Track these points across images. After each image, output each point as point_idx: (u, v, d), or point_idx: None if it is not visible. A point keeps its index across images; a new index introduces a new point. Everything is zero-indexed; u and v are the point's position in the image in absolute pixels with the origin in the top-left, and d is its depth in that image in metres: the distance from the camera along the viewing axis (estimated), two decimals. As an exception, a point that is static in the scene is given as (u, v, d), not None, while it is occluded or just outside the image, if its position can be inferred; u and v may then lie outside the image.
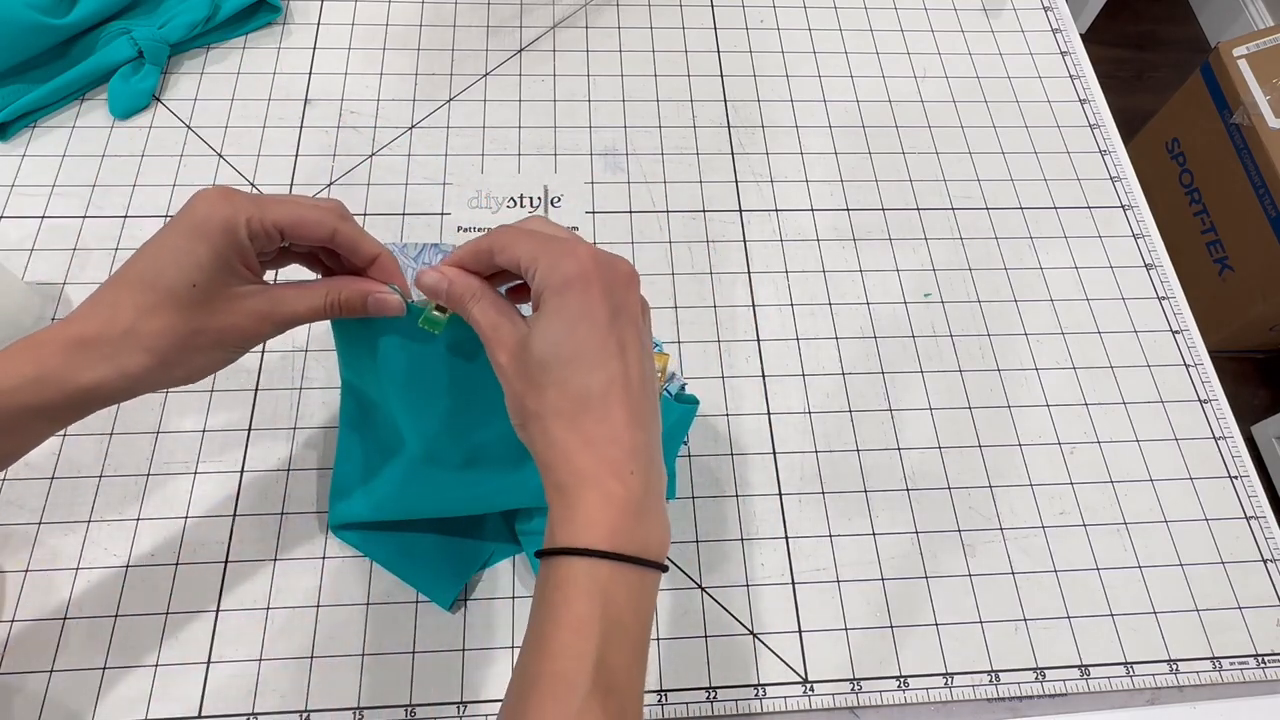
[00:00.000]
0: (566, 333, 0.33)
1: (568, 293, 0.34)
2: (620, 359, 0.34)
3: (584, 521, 0.32)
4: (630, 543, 0.32)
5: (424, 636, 0.46)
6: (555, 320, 0.34)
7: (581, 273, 0.34)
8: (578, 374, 0.33)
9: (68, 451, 0.50)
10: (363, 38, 0.68)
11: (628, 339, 0.34)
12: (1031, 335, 0.59)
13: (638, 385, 0.34)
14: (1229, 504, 0.54)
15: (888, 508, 0.52)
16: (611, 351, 0.34)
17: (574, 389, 0.33)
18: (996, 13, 0.74)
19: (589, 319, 0.34)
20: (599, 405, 0.33)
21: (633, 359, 0.34)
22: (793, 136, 0.66)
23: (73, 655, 0.45)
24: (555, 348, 0.33)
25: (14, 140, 0.60)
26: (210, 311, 0.35)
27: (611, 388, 0.34)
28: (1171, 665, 0.49)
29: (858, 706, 0.47)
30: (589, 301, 0.34)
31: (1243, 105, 1.26)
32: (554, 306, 0.34)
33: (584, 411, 0.33)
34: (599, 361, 0.34)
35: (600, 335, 0.34)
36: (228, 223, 0.34)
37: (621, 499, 0.32)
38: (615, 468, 0.33)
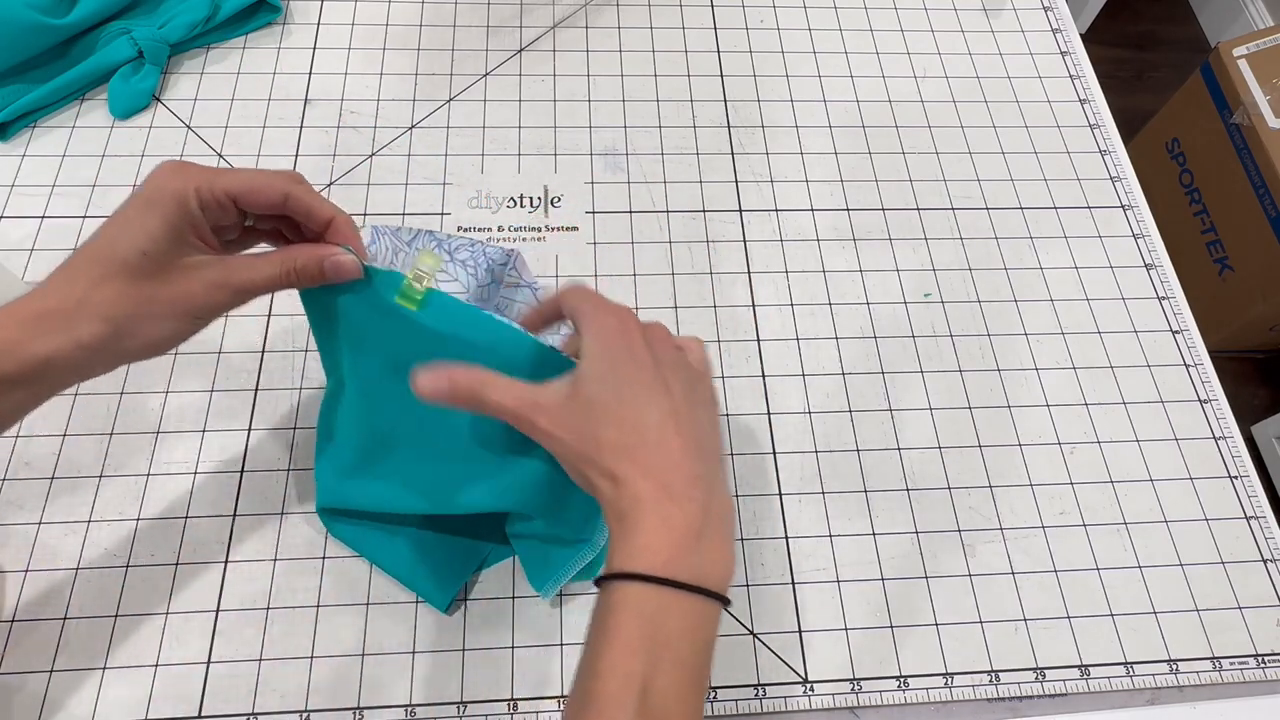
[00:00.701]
0: (617, 374, 0.35)
1: (613, 338, 0.36)
2: (669, 396, 0.35)
3: (640, 546, 0.32)
4: (686, 570, 0.32)
5: (424, 636, 0.46)
6: (604, 363, 0.35)
7: (623, 326, 0.36)
8: (632, 411, 0.35)
9: (68, 451, 0.50)
10: (363, 38, 0.68)
11: (671, 381, 0.36)
12: (1031, 335, 0.59)
13: (689, 421, 0.35)
14: (1229, 504, 0.54)
15: (888, 508, 0.52)
16: (658, 390, 0.35)
17: (630, 424, 0.34)
18: (996, 13, 0.74)
19: (635, 361, 0.36)
20: (655, 437, 0.34)
21: (679, 397, 0.36)
22: (793, 136, 0.66)
23: (73, 655, 0.45)
24: (610, 389, 0.35)
25: (14, 140, 0.60)
26: (163, 280, 0.35)
27: (666, 421, 0.35)
28: (1171, 665, 0.49)
29: (858, 706, 0.47)
30: (632, 347, 0.36)
31: (1243, 105, 1.26)
32: (599, 351, 0.36)
33: (641, 444, 0.34)
34: (650, 398, 0.35)
35: (648, 374, 0.36)
36: (178, 193, 0.35)
37: (680, 524, 0.33)
38: (673, 493, 0.33)
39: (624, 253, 0.59)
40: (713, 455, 0.36)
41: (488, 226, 0.60)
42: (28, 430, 0.50)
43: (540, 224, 0.60)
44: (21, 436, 0.50)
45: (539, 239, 0.60)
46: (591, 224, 0.61)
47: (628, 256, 0.59)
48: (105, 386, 0.52)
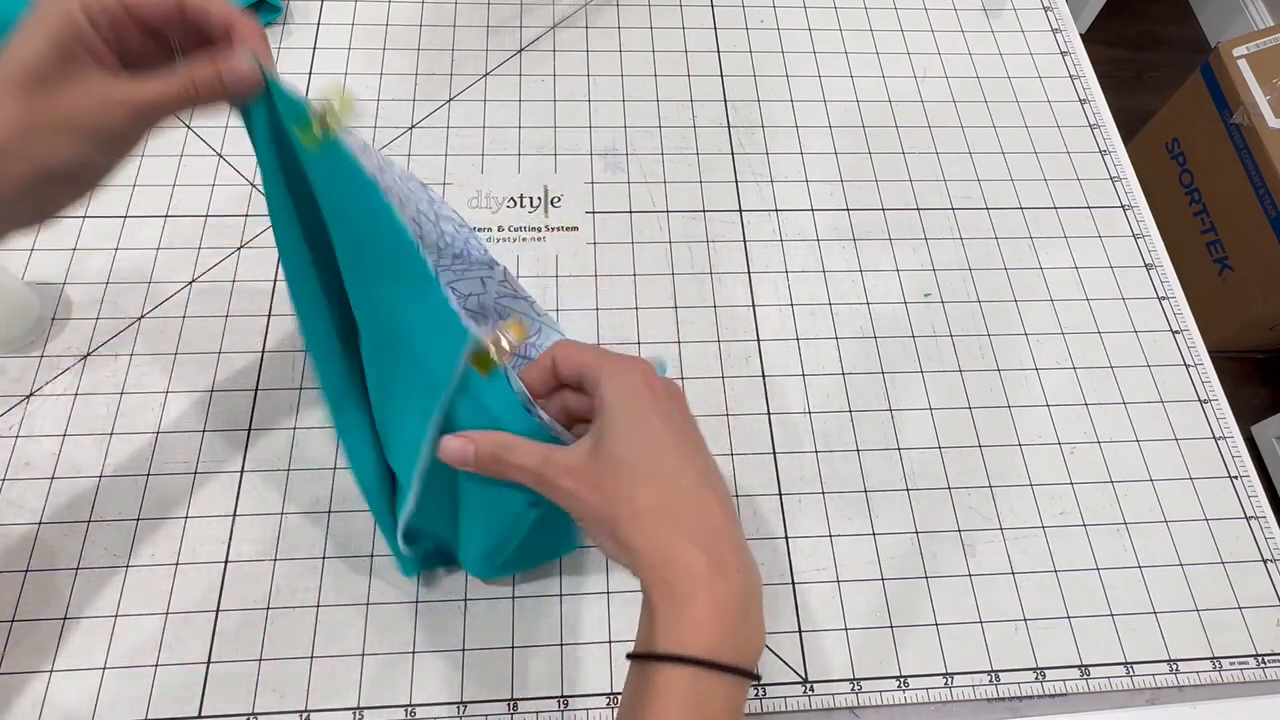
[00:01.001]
0: (647, 432, 0.34)
1: (638, 398, 0.34)
2: (700, 454, 0.34)
3: (690, 625, 0.31)
4: (731, 650, 0.31)
5: (424, 636, 0.46)
6: (632, 422, 0.34)
7: (647, 382, 0.35)
8: (666, 468, 0.33)
9: (68, 451, 0.50)
10: (363, 38, 0.68)
11: (699, 440, 0.35)
12: (1031, 335, 0.59)
13: (720, 481, 0.34)
14: (1229, 504, 0.54)
15: (888, 508, 0.52)
16: (693, 448, 0.34)
17: (666, 484, 0.33)
18: (996, 13, 0.74)
19: (665, 418, 0.34)
20: (694, 499, 0.33)
21: (707, 458, 0.35)
22: (793, 136, 0.66)
23: (73, 655, 0.45)
24: (640, 448, 0.33)
25: (14, 140, 0.60)
26: (48, 95, 0.32)
27: (702, 484, 0.33)
28: (1171, 665, 0.49)
29: (858, 706, 0.47)
30: (660, 404, 0.34)
31: (1243, 105, 1.26)
32: (627, 410, 0.34)
33: (681, 507, 0.33)
34: (686, 456, 0.34)
35: (679, 433, 0.34)
36: (64, 7, 0.33)
37: (730, 602, 0.31)
38: (724, 566, 0.32)
39: (624, 253, 0.59)
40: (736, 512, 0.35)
41: (488, 226, 0.60)
42: (28, 430, 0.50)
43: (540, 224, 0.60)
44: (21, 437, 0.50)
45: (539, 239, 0.60)
46: (591, 224, 0.61)
47: (628, 256, 0.59)
48: (105, 387, 0.52)
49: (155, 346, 0.54)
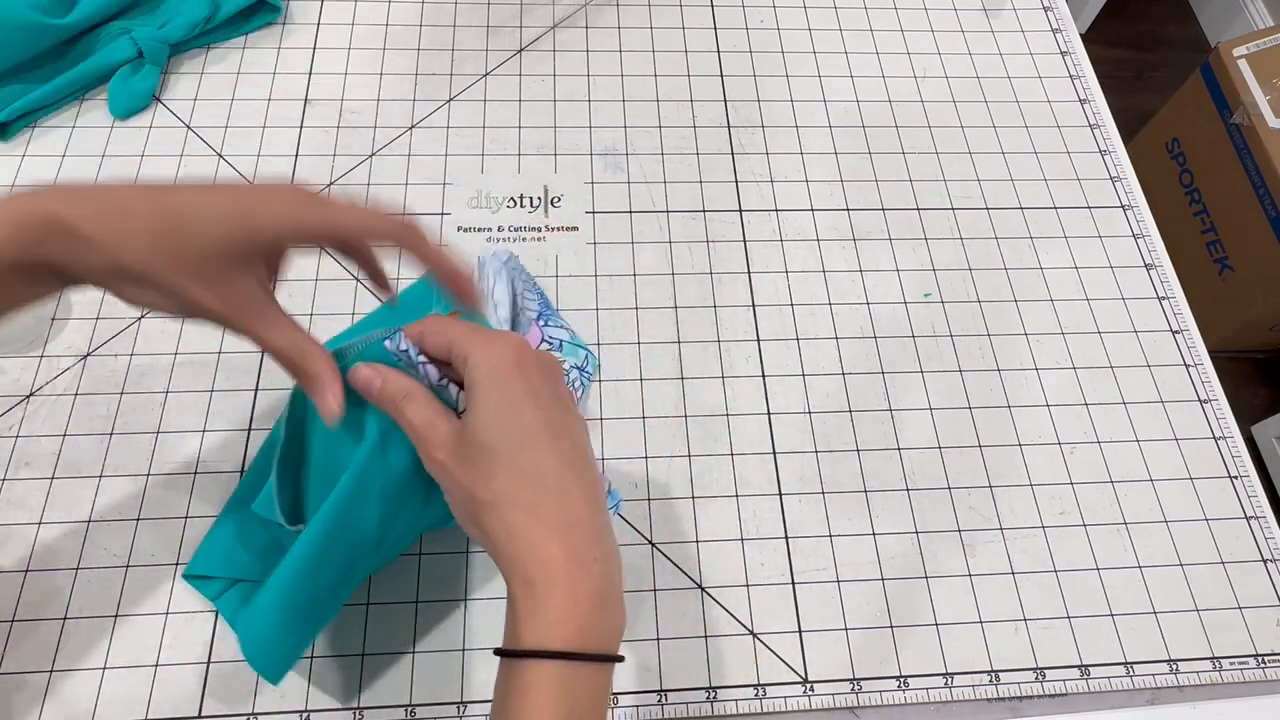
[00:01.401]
0: (512, 416, 0.33)
1: (507, 377, 0.33)
2: (566, 439, 0.34)
3: (552, 620, 0.31)
4: (596, 639, 0.32)
5: (424, 636, 0.46)
6: (498, 404, 0.33)
7: (518, 359, 0.34)
8: (529, 458, 0.33)
9: (68, 452, 0.50)
10: (363, 38, 0.68)
11: (570, 423, 0.34)
12: (1031, 335, 0.59)
13: (588, 468, 0.34)
14: (1229, 504, 0.54)
15: (888, 508, 0.52)
16: (558, 434, 0.34)
17: (528, 473, 0.33)
18: (996, 13, 0.74)
19: (532, 400, 0.33)
20: (555, 488, 0.33)
21: (577, 441, 0.34)
22: (793, 136, 0.66)
23: (73, 655, 0.45)
24: (503, 432, 0.33)
25: (14, 140, 0.60)
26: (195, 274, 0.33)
27: (566, 470, 0.33)
28: (1171, 665, 0.49)
29: (858, 706, 0.47)
30: (529, 384, 0.34)
31: (1243, 105, 1.26)
32: (494, 392, 0.33)
33: (543, 496, 0.32)
34: (549, 443, 0.33)
35: (546, 416, 0.33)
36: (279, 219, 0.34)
37: (588, 593, 0.32)
38: (581, 557, 0.32)
39: (624, 253, 0.59)
40: (604, 501, 0.35)
41: (488, 226, 0.60)
42: (28, 430, 0.50)
43: (540, 224, 0.60)
44: (21, 437, 0.50)
45: (539, 239, 0.60)
46: (591, 224, 0.61)
47: (628, 256, 0.59)
48: (105, 386, 0.52)
49: (155, 346, 0.54)
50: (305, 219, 0.35)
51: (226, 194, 0.34)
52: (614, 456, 0.52)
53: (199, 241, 0.33)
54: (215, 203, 0.34)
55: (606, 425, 0.53)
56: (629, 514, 0.51)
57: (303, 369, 0.36)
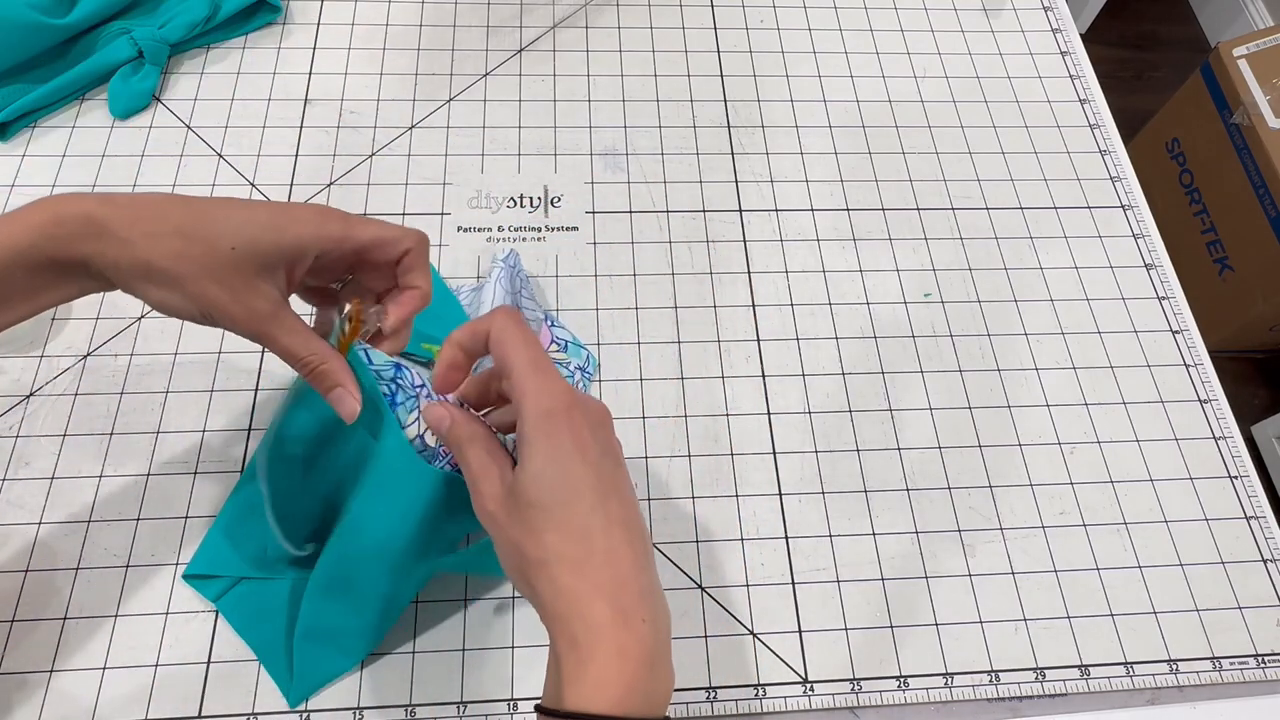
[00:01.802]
0: (561, 473, 0.33)
1: (559, 429, 0.33)
2: (615, 496, 0.33)
3: (595, 682, 0.30)
4: (642, 702, 0.31)
5: (424, 636, 0.46)
6: (547, 459, 0.33)
7: (569, 410, 0.33)
8: (577, 515, 0.32)
9: (67, 452, 0.50)
10: (363, 38, 0.68)
11: (619, 478, 0.34)
12: (1031, 335, 0.59)
13: (636, 525, 0.34)
14: (1229, 504, 0.54)
15: (888, 508, 0.52)
16: (607, 490, 0.33)
17: (576, 532, 0.32)
18: (996, 13, 0.74)
19: (580, 457, 0.33)
20: (603, 548, 0.32)
21: (626, 497, 0.34)
22: (793, 136, 0.66)
23: (73, 655, 0.45)
24: (551, 490, 0.33)
25: (14, 140, 0.60)
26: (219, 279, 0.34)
27: (613, 528, 0.33)
28: (1171, 665, 0.49)
29: (858, 706, 0.47)
30: (578, 438, 0.33)
31: (1243, 105, 1.26)
32: (544, 444, 0.33)
33: (590, 555, 0.32)
34: (597, 501, 0.33)
35: (594, 474, 0.33)
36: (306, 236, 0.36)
37: (635, 654, 0.31)
38: (629, 618, 0.31)
39: (624, 253, 0.59)
40: (651, 555, 0.34)
41: (488, 226, 0.60)
42: (28, 430, 0.50)
43: (540, 224, 0.60)
44: (21, 437, 0.50)
45: (539, 239, 0.60)
46: (591, 224, 0.61)
47: (628, 256, 0.59)
48: (105, 386, 0.52)
49: (155, 346, 0.54)
50: (329, 228, 0.37)
51: (257, 206, 0.36)
52: (614, 456, 0.52)
53: (226, 246, 0.34)
54: (245, 212, 0.35)
55: (606, 425, 0.53)
56: (629, 514, 0.51)
57: (322, 374, 0.38)
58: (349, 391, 0.38)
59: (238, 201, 0.36)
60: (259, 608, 0.46)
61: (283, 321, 0.37)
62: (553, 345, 0.52)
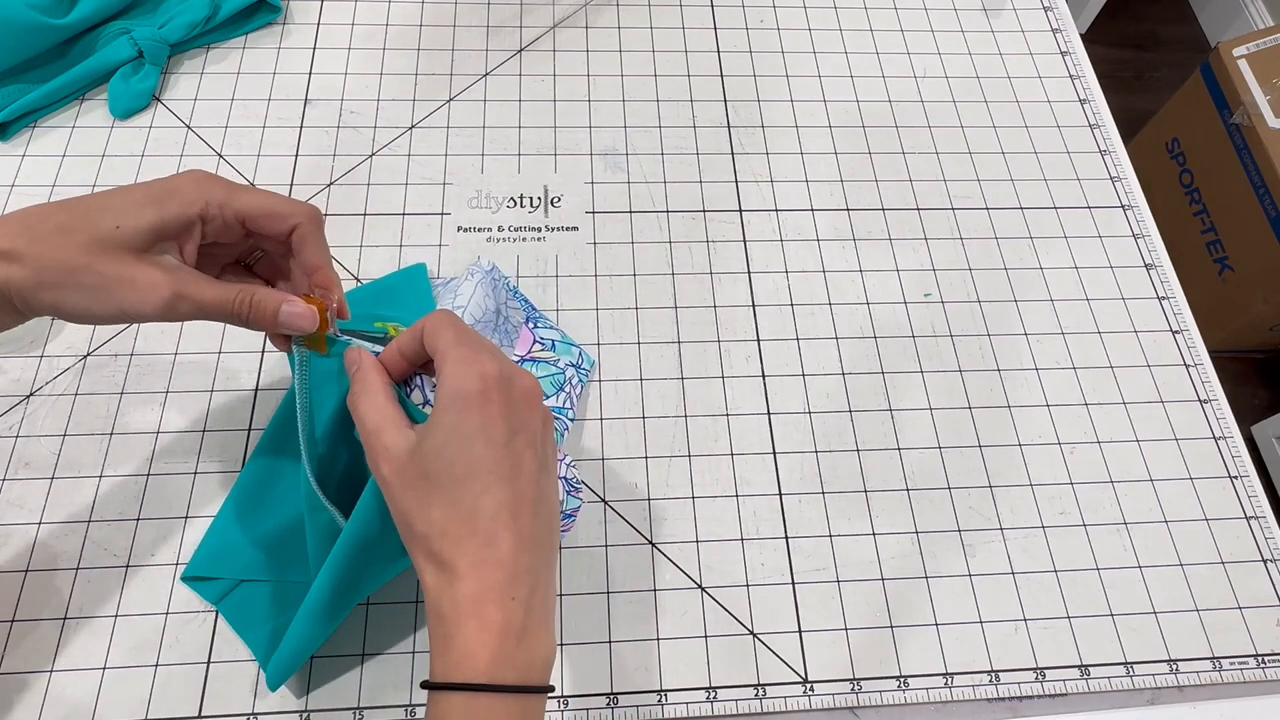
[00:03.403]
0: (461, 450, 0.33)
1: (468, 407, 0.33)
2: (513, 482, 0.33)
3: (459, 653, 0.31)
4: (511, 670, 0.32)
5: (424, 637, 0.46)
6: (451, 434, 0.33)
7: (483, 388, 0.33)
8: (469, 494, 0.33)
9: (68, 452, 0.50)
10: (363, 38, 0.68)
11: (524, 460, 0.34)
12: (1031, 335, 0.59)
13: (529, 508, 0.34)
14: (1229, 504, 0.54)
15: (888, 508, 0.52)
16: (505, 473, 0.33)
17: (462, 511, 0.33)
18: (996, 13, 0.74)
19: (484, 437, 0.33)
20: (486, 529, 0.33)
21: (526, 480, 0.34)
22: (793, 136, 0.66)
23: (73, 655, 0.45)
24: (449, 465, 0.33)
25: (14, 140, 0.60)
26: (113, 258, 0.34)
27: (501, 511, 0.33)
28: (1171, 665, 0.49)
29: (858, 706, 0.47)
30: (486, 417, 0.33)
31: (1243, 105, 1.26)
32: (451, 419, 0.33)
33: (471, 535, 0.32)
34: (492, 483, 0.33)
35: (496, 454, 0.33)
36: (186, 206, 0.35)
37: (500, 625, 0.32)
38: (497, 593, 0.32)
39: (624, 253, 0.59)
40: (547, 535, 0.35)
41: (488, 226, 0.60)
42: (28, 430, 0.50)
43: (540, 224, 0.60)
44: (21, 437, 0.50)
45: (539, 239, 0.60)
46: (591, 224, 0.61)
47: (628, 256, 0.59)
48: (105, 387, 0.52)
49: (155, 347, 0.54)
50: (210, 193, 0.36)
51: (135, 187, 0.36)
52: (614, 456, 0.52)
53: (110, 226, 0.34)
54: (122, 195, 0.35)
55: (606, 425, 0.53)
56: (629, 514, 0.51)
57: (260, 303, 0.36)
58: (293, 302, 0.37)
59: (120, 188, 0.36)
60: (260, 610, 0.46)
61: (194, 279, 0.36)
62: (536, 345, 0.51)
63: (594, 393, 0.54)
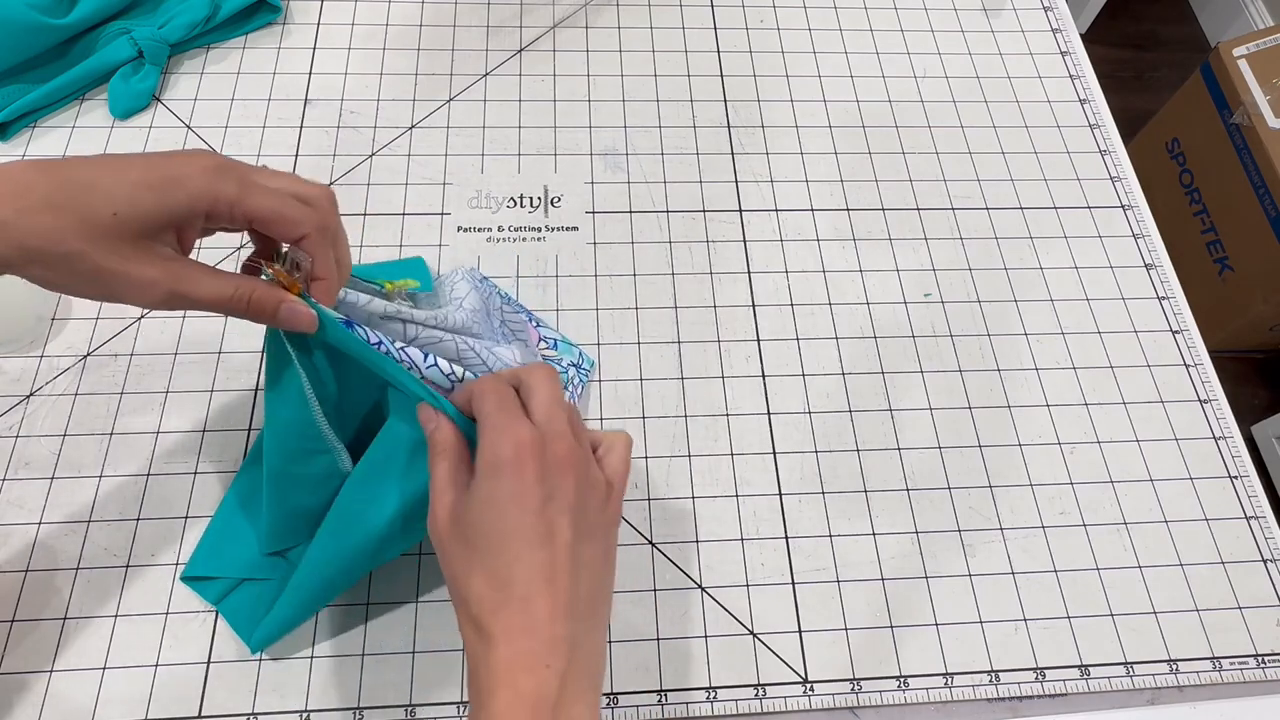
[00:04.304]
0: (496, 517, 0.33)
1: (501, 474, 0.33)
2: (547, 547, 0.33)
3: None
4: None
5: (424, 636, 0.46)
6: (487, 502, 0.33)
7: (517, 455, 0.33)
8: (503, 562, 0.33)
9: (67, 452, 0.50)
10: (363, 38, 0.68)
11: (558, 526, 0.34)
12: (1031, 335, 0.59)
13: (566, 575, 0.33)
14: (1229, 504, 0.54)
15: (888, 508, 0.52)
16: (537, 540, 0.33)
17: (499, 576, 0.33)
18: (996, 13, 0.74)
19: (518, 505, 0.33)
20: (520, 596, 0.33)
21: (561, 547, 0.33)
22: (793, 136, 0.66)
23: (73, 655, 0.45)
24: (486, 532, 0.33)
25: (14, 140, 0.60)
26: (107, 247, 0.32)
27: (535, 578, 0.33)
28: (1171, 665, 0.49)
29: (858, 706, 0.47)
30: (520, 485, 0.33)
31: (1243, 105, 1.26)
32: (487, 487, 0.33)
33: (506, 604, 0.32)
34: (524, 550, 0.33)
35: (529, 521, 0.33)
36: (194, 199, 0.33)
37: (533, 696, 0.31)
38: (530, 661, 0.32)
39: (624, 253, 0.59)
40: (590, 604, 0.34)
41: (488, 226, 0.60)
42: (28, 430, 0.50)
43: (540, 224, 0.60)
44: (21, 437, 0.50)
45: (539, 239, 0.60)
46: (591, 224, 0.61)
47: (628, 256, 0.59)
48: (105, 387, 0.52)
49: (155, 346, 0.54)
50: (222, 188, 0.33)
51: (138, 164, 0.33)
52: (614, 456, 0.52)
53: (107, 213, 0.31)
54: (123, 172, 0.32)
55: (607, 425, 0.53)
56: (629, 514, 0.51)
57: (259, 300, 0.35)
58: (294, 302, 0.36)
59: (107, 160, 0.32)
60: (260, 610, 0.46)
61: (191, 274, 0.34)
62: (542, 344, 0.51)
63: (594, 393, 0.54)
